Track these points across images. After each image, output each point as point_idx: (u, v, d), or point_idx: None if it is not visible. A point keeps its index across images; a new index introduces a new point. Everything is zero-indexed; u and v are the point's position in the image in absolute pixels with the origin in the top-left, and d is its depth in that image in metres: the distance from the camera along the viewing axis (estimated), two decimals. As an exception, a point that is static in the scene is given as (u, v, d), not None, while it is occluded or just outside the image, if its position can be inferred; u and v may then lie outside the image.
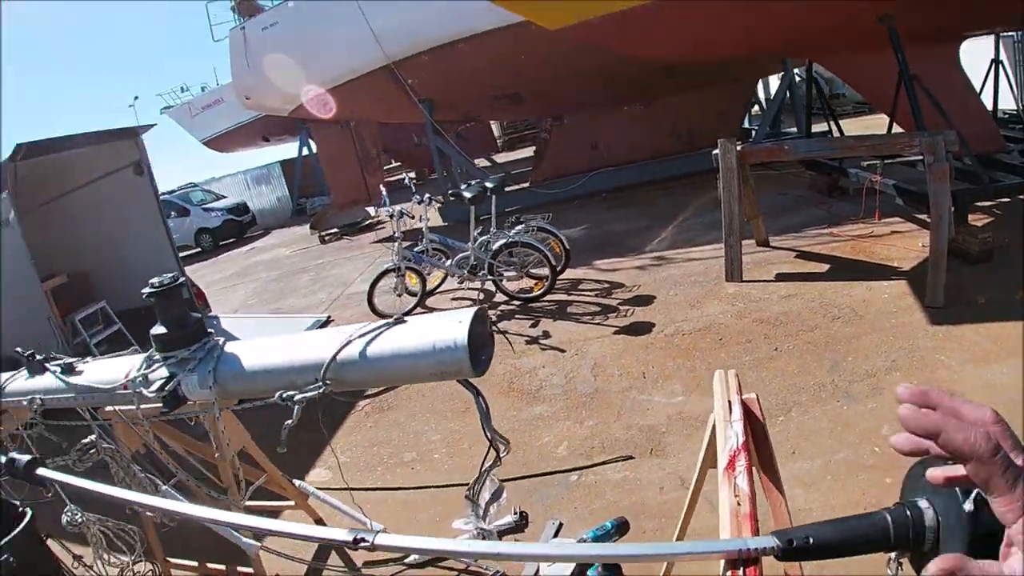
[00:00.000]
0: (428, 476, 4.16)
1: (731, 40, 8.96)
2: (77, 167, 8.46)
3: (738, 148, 6.41)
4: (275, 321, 8.65)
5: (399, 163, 27.63)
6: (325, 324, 8.30)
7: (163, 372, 2.26)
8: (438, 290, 8.08)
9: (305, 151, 25.44)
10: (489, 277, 7.12)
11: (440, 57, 11.62)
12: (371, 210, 15.25)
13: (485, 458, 1.75)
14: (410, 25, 11.50)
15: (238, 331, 7.42)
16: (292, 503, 3.76)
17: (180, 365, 2.24)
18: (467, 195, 7.14)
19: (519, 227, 7.06)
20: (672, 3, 8.18)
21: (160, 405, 2.22)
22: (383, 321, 1.83)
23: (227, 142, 27.40)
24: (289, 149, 28.78)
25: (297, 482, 3.92)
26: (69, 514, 3.00)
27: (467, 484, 3.65)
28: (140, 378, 2.34)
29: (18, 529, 2.35)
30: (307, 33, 12.82)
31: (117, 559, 3.65)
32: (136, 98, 52.24)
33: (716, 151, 6.43)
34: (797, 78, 12.31)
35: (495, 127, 26.13)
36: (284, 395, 1.84)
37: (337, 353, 1.77)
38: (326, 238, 15.42)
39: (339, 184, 15.85)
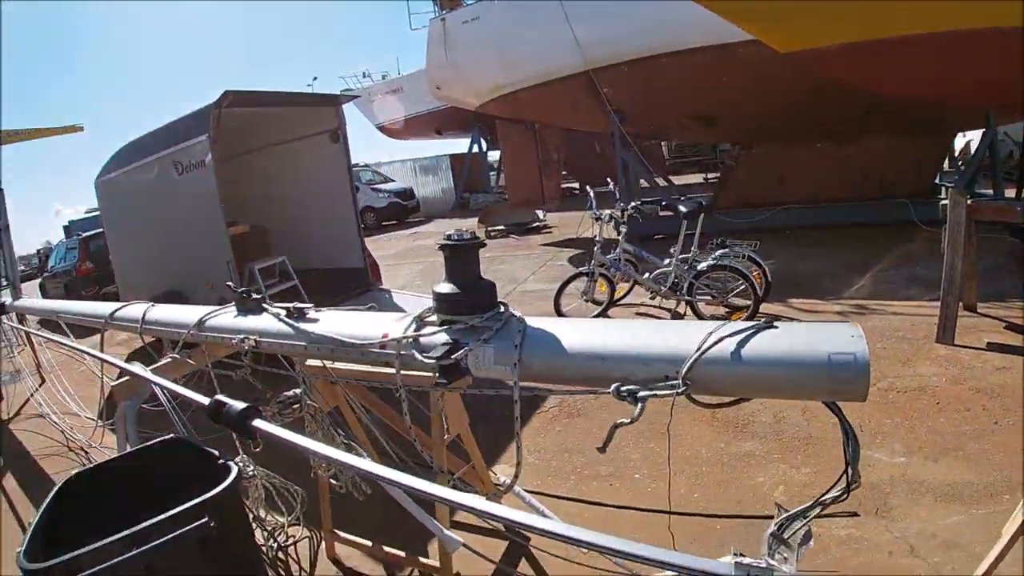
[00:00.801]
0: (628, 496, 3.86)
1: (974, 82, 8.20)
2: (276, 125, 8.75)
3: (968, 203, 5.79)
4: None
5: (565, 172, 27.74)
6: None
7: (443, 337, 2.06)
8: (620, 302, 7.73)
9: (475, 148, 26.15)
10: (686, 297, 6.75)
11: (639, 69, 11.29)
12: (540, 213, 15.60)
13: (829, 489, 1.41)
14: (614, 34, 11.27)
15: (409, 308, 7.40)
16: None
17: (469, 334, 2.01)
18: (683, 209, 6.76)
19: (723, 251, 6.64)
20: (934, 37, 7.60)
21: (433, 373, 1.99)
22: (751, 323, 1.56)
23: (401, 130, 28.45)
24: (458, 144, 29.55)
25: (500, 476, 3.72)
26: (240, 464, 2.78)
27: (669, 512, 3.41)
28: (408, 340, 2.18)
29: (223, 486, 2.22)
30: (508, 31, 12.95)
31: (274, 518, 3.59)
32: (315, 78, 54.73)
33: (945, 201, 6.02)
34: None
35: (664, 149, 25.59)
36: (623, 388, 1.59)
37: (705, 349, 1.50)
38: (492, 233, 15.50)
39: (516, 183, 15.99)
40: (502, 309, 2.08)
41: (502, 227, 15.63)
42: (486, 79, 13.70)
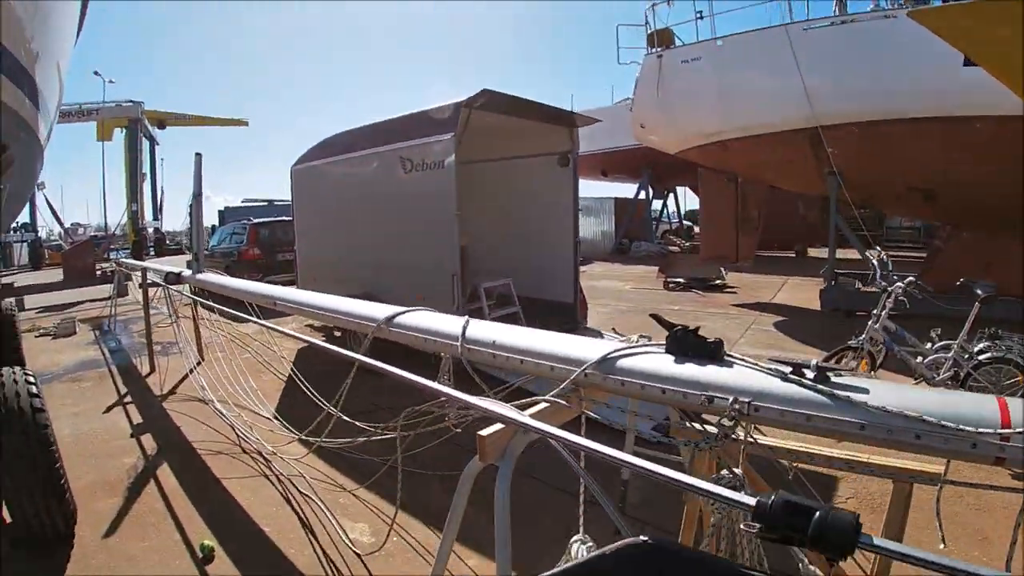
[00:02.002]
0: None
1: None
2: (509, 137, 8.16)
3: None
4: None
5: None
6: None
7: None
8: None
9: (642, 195, 25.37)
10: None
11: (870, 131, 10.32)
12: (722, 271, 14.55)
13: None
14: (849, 91, 10.28)
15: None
16: None
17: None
18: (980, 292, 5.78)
19: (996, 341, 5.68)
20: None
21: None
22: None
23: (571, 166, 28.04)
24: (616, 189, 29.05)
25: None
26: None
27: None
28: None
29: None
30: (730, 75, 11.99)
31: None
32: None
33: None
34: None
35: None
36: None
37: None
38: (671, 285, 14.84)
39: (710, 236, 15.11)
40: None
41: (681, 280, 15.00)
42: (698, 123, 12.79)
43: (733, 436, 1.82)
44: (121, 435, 5.74)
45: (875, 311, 6.26)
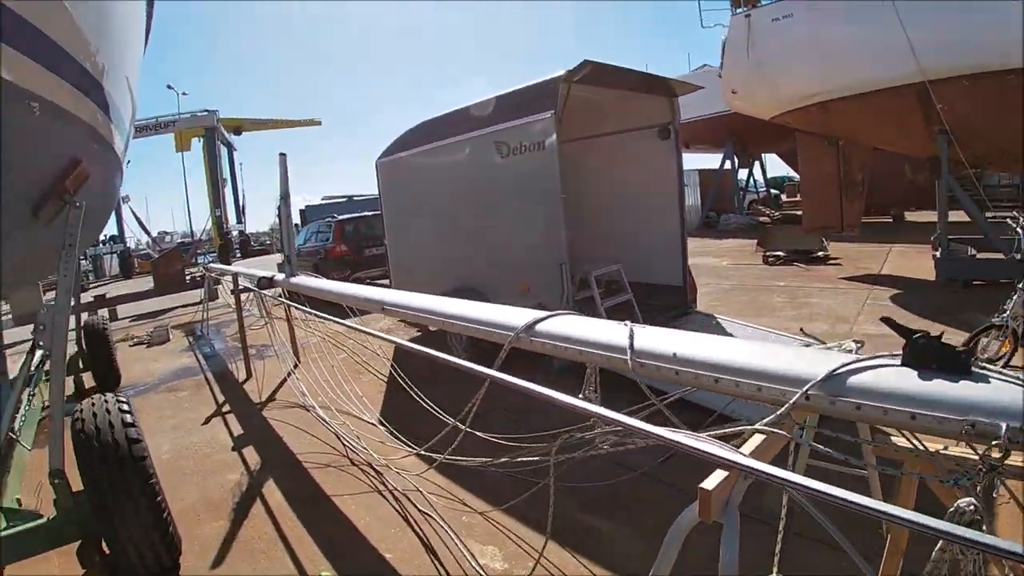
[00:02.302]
0: None
1: None
2: (608, 111, 7.69)
3: None
4: (765, 334, 6.61)
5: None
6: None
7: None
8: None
9: (727, 165, 24.45)
10: None
11: (982, 85, 9.48)
12: (824, 240, 13.75)
13: None
14: (958, 41, 9.47)
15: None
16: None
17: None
18: None
19: None
20: None
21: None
22: None
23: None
24: (699, 159, 28.06)
25: None
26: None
27: None
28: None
29: None
30: (827, 31, 11.10)
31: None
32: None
33: None
34: None
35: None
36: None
37: None
38: (770, 259, 14.14)
39: (812, 206, 14.11)
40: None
41: (781, 253, 14.17)
42: (794, 85, 11.90)
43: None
44: (222, 448, 5.49)
45: (1020, 283, 5.57)
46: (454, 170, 7.06)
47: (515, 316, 2.72)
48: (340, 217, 15.19)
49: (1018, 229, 5.78)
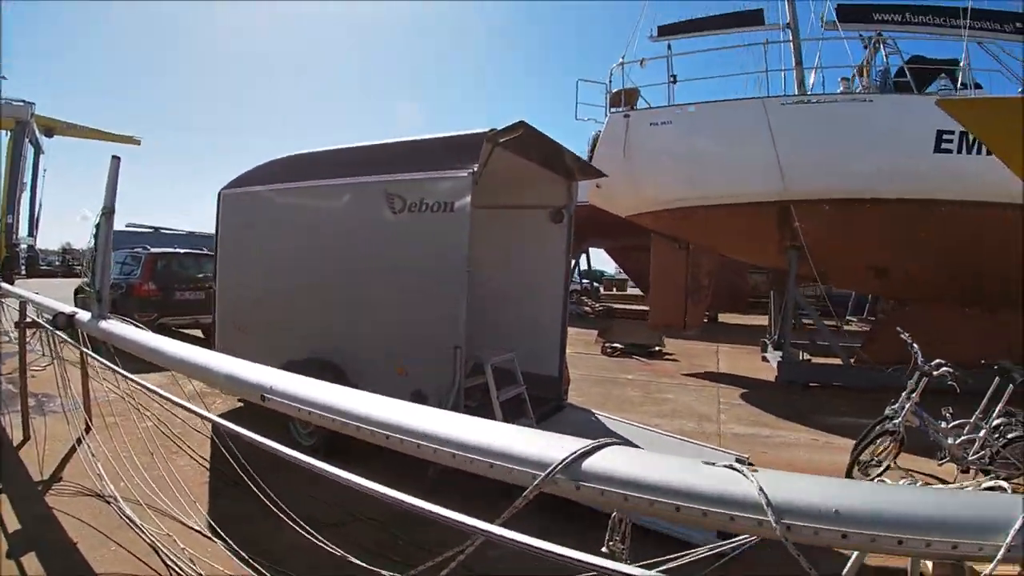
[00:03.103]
0: None
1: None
2: (510, 185, 7.05)
3: None
4: (680, 444, 6.27)
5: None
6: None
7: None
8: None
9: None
10: (988, 467, 5.58)
11: (840, 209, 10.59)
12: (662, 337, 14.64)
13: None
14: (824, 168, 10.43)
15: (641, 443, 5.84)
16: None
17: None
18: (1017, 376, 5.71)
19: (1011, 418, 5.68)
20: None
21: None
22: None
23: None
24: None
25: None
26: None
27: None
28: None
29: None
30: (703, 143, 11.55)
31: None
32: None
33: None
34: None
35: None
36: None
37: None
38: (609, 350, 14.61)
39: (659, 303, 14.63)
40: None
41: (619, 346, 14.74)
42: (662, 188, 12.15)
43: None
44: (-8, 552, 3.97)
45: (906, 392, 5.89)
46: (326, 217, 6.06)
47: (538, 443, 1.70)
48: (153, 250, 13.26)
49: (912, 344, 5.97)
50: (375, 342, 5.64)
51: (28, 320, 6.18)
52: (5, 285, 11.85)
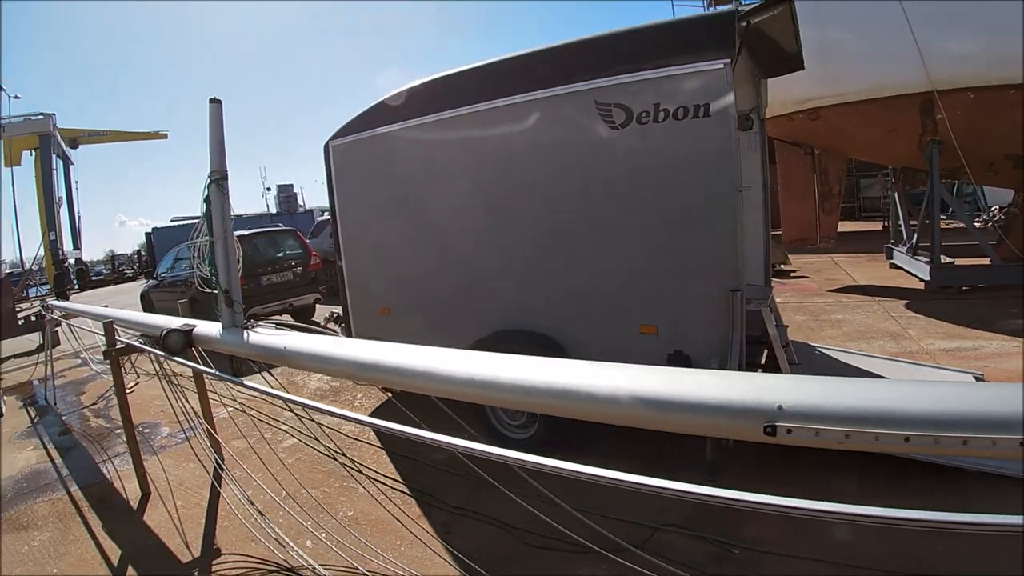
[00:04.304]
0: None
1: None
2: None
3: None
4: (917, 369, 5.32)
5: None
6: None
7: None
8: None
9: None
10: None
11: (985, 97, 9.31)
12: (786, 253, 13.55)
13: None
14: (969, 52, 9.24)
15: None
16: None
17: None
18: None
19: None
20: None
21: None
22: None
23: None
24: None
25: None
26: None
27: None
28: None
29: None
30: (833, 34, 10.13)
31: None
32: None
33: None
34: None
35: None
36: None
37: None
38: None
39: (790, 217, 13.30)
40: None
41: None
42: (789, 89, 10.57)
43: None
44: None
45: None
46: (504, 151, 4.54)
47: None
48: (237, 233, 11.98)
49: None
50: (603, 299, 4.22)
51: (120, 345, 4.80)
52: (69, 304, 10.78)
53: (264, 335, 2.99)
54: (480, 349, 2.13)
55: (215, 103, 3.29)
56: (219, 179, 3.32)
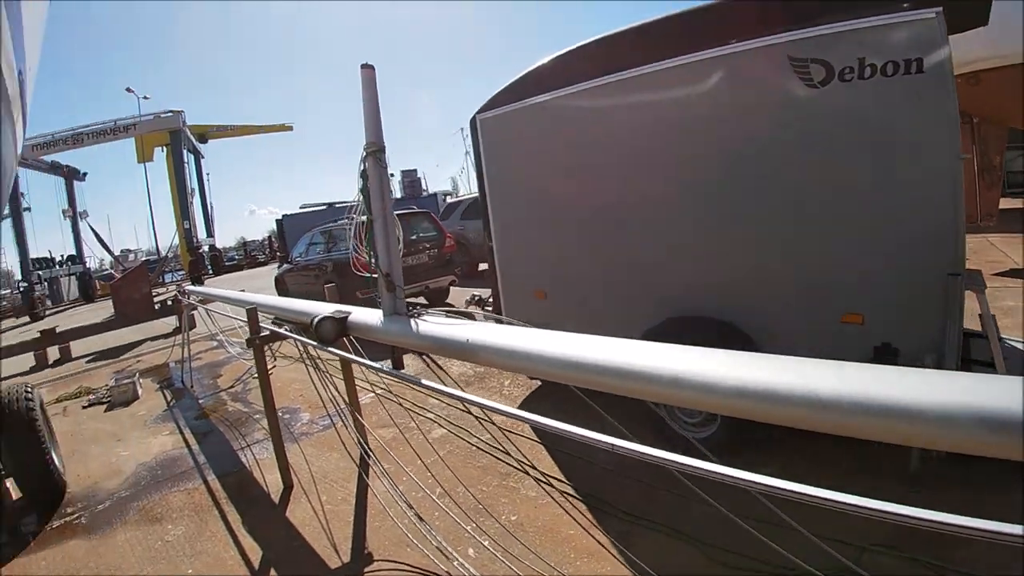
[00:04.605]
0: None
1: None
2: None
3: None
4: None
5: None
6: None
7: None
8: None
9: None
10: None
11: None
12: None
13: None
14: None
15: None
16: None
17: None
18: None
19: None
20: None
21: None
22: None
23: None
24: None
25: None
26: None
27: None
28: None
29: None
30: None
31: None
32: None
33: None
34: None
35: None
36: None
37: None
38: None
39: None
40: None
41: None
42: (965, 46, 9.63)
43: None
44: None
45: None
46: (677, 115, 4.13)
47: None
48: (361, 217, 11.93)
49: None
50: (798, 283, 3.76)
51: (265, 333, 4.69)
52: (204, 289, 11.14)
53: (438, 324, 2.68)
54: (651, 338, 1.72)
55: (367, 68, 3.05)
56: (375, 151, 3.07)
